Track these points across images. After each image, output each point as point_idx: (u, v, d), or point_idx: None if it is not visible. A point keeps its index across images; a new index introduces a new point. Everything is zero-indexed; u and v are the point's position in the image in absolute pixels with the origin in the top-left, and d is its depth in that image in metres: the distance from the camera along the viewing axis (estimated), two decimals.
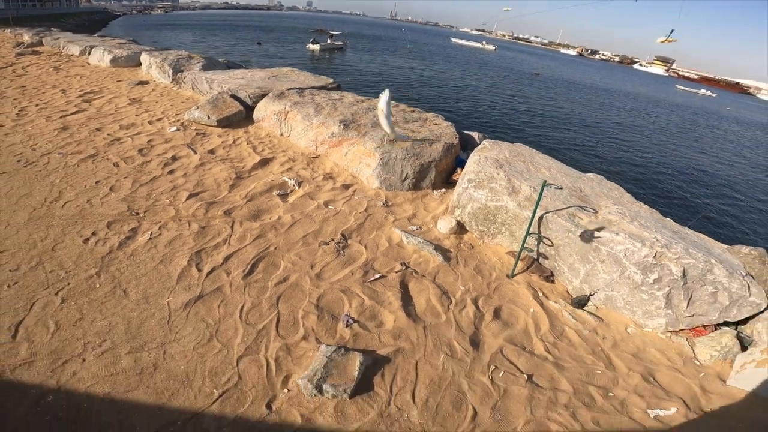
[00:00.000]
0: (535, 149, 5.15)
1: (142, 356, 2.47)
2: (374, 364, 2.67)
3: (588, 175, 4.97)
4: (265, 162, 5.28)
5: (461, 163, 5.35)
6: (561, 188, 3.90)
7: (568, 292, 3.82)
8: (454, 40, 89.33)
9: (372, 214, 4.38)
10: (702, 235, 4.25)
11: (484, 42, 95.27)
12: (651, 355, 3.29)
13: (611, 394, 2.84)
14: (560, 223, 3.70)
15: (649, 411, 2.75)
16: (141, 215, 3.85)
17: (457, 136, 5.70)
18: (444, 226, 4.31)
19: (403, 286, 3.39)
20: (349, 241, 3.88)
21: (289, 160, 5.42)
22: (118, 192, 4.20)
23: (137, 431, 2.10)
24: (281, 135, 6.20)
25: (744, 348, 3.42)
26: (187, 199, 4.19)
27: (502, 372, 2.81)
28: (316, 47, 39.53)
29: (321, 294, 3.15)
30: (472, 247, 4.17)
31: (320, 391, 2.41)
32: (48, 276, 2.99)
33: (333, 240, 3.81)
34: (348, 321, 2.92)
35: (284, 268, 3.36)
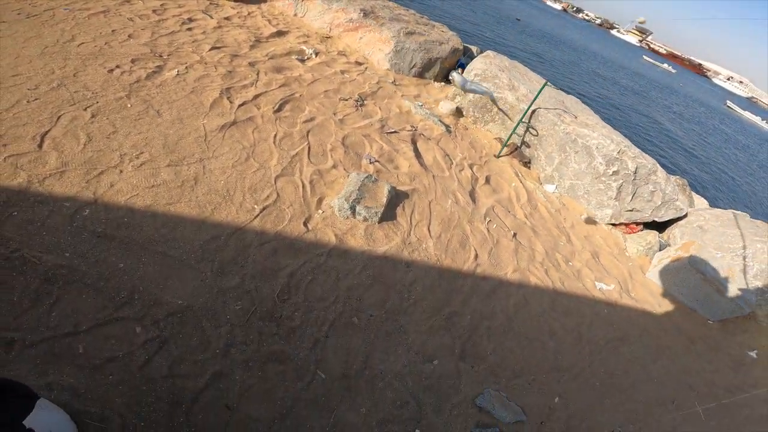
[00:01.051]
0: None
1: (181, 170, 2.33)
2: (396, 196, 2.83)
3: (569, 96, 5.19)
4: (281, 33, 5.03)
5: (461, 66, 5.39)
6: (557, 87, 4.12)
7: (539, 178, 4.21)
8: None
9: (383, 87, 4.42)
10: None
11: None
12: (597, 241, 3.77)
13: (570, 263, 3.27)
14: (549, 117, 3.97)
15: (596, 283, 3.20)
16: (165, 57, 3.63)
17: (462, 43, 5.67)
18: (445, 107, 4.46)
19: (413, 143, 3.59)
20: (365, 101, 3.96)
21: (304, 35, 5.20)
22: (137, 39, 3.83)
23: (181, 246, 1.95)
24: (295, 15, 5.85)
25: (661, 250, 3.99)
26: (210, 50, 4.00)
27: (495, 225, 3.14)
28: None
29: (345, 135, 3.28)
30: (466, 129, 4.39)
31: (353, 212, 2.44)
32: (73, 95, 2.64)
33: (351, 98, 3.89)
34: (371, 159, 3.12)
35: (309, 111, 3.43)
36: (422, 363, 2.03)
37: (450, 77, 4.72)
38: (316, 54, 4.62)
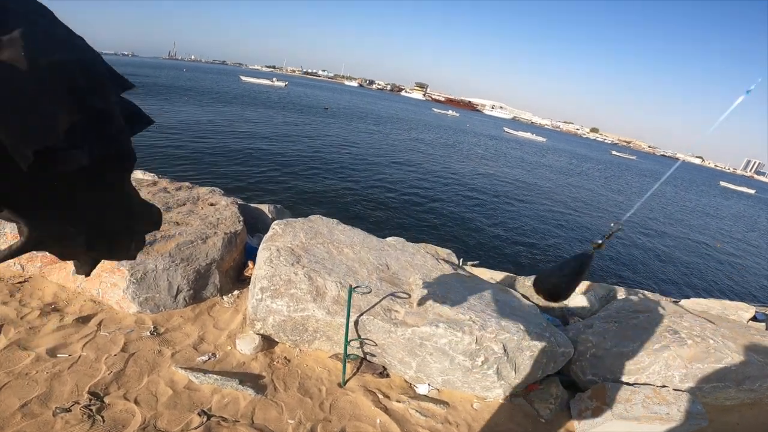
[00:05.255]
0: (334, 219, 4.55)
1: None
2: None
3: (389, 240, 4.65)
4: None
5: (252, 252, 4.34)
6: (369, 291, 3.35)
7: (406, 381, 3.35)
8: (243, 78, 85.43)
9: (136, 352, 2.93)
10: (503, 287, 4.36)
11: (274, 79, 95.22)
12: (504, 426, 3.15)
13: None
14: (378, 324, 3.15)
15: None
16: None
17: (241, 219, 4.56)
18: (246, 345, 3.24)
19: None
20: (106, 400, 2.46)
21: None
22: None
23: None
24: None
25: (567, 388, 3.65)
26: None
27: None
28: None
29: None
30: (289, 361, 3.25)
31: None
32: None
33: (77, 403, 2.36)
34: None
35: None
36: None
37: None
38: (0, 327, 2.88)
